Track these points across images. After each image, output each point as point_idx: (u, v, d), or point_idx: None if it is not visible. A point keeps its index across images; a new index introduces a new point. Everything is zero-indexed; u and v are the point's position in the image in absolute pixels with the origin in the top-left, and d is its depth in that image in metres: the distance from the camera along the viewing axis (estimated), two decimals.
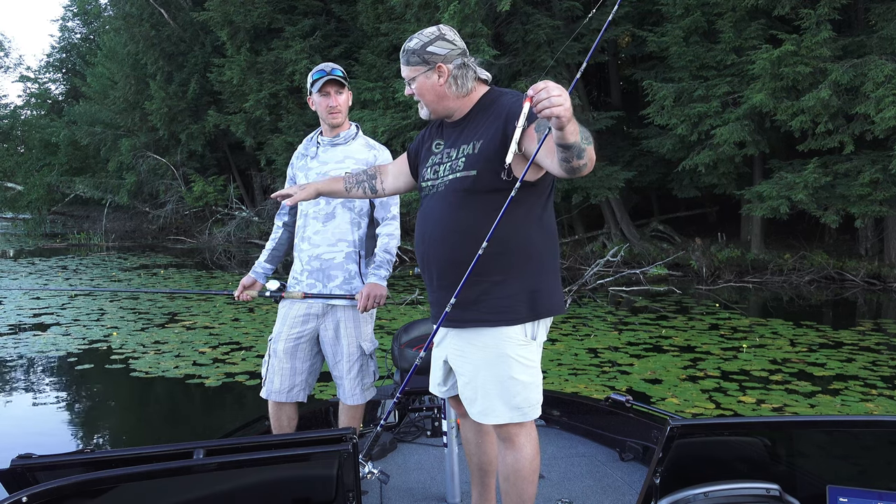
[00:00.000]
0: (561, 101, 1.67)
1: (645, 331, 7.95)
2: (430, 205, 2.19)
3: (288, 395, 2.88)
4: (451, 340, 2.19)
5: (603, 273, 11.93)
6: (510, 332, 2.08)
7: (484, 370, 2.10)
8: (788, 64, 10.19)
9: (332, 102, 2.86)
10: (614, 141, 14.62)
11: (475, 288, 2.07)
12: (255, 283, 3.01)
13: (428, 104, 2.19)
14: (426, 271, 2.23)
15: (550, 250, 2.16)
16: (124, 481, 1.47)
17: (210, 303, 10.00)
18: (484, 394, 2.10)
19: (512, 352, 2.08)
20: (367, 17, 15.56)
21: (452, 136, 2.22)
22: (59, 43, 38.94)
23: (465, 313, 2.09)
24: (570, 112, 1.70)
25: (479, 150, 2.09)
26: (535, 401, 2.13)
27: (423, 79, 2.16)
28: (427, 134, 2.36)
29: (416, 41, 2.16)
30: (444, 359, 2.25)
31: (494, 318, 2.07)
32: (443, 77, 2.14)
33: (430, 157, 2.27)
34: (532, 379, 2.12)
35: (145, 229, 24.27)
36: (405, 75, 2.20)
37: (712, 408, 5.12)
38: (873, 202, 10.23)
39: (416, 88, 2.18)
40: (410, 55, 2.16)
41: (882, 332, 7.82)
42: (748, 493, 1.72)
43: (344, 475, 1.58)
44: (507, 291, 2.07)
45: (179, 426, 5.20)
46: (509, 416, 2.09)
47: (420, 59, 2.15)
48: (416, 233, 2.26)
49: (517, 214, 2.05)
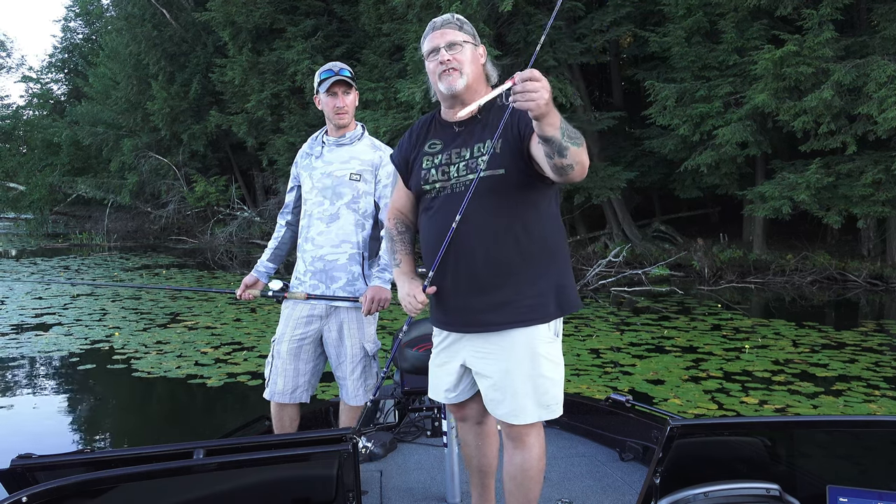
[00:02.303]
0: (534, 97, 1.63)
1: (647, 331, 7.94)
2: (447, 207, 2.08)
3: (291, 396, 2.87)
4: (471, 343, 2.13)
5: (605, 273, 11.93)
6: (539, 331, 2.07)
7: (515, 371, 2.06)
8: (791, 64, 10.17)
9: (339, 103, 2.85)
10: (616, 141, 14.61)
11: (508, 289, 2.04)
12: (257, 282, 3.00)
13: (468, 75, 2.10)
14: (449, 276, 2.09)
15: (566, 246, 2.19)
16: (124, 481, 1.47)
17: (212, 303, 10.01)
18: (513, 394, 2.07)
19: (542, 350, 2.07)
20: (368, 18, 15.55)
21: (460, 135, 2.15)
22: (62, 43, 38.97)
23: (496, 316, 2.05)
24: (543, 107, 1.65)
25: (502, 148, 2.04)
26: (560, 398, 2.14)
27: (472, 49, 2.13)
28: (412, 139, 2.27)
29: (461, 16, 2.16)
30: (461, 363, 2.17)
31: (526, 317, 2.05)
32: (483, 57, 2.17)
33: (427, 158, 2.18)
34: (559, 376, 2.13)
35: (147, 229, 24.29)
36: (450, 39, 2.09)
37: (714, 408, 5.11)
38: (876, 203, 10.21)
39: (463, 55, 2.10)
40: (464, 24, 2.14)
41: (885, 332, 7.81)
42: (748, 493, 1.72)
43: (344, 475, 1.58)
44: (538, 290, 2.06)
45: (181, 427, 5.20)
46: (538, 414, 2.09)
47: (472, 31, 2.15)
48: (429, 237, 2.15)
49: (541, 212, 2.06)
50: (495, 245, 2.04)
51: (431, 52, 2.12)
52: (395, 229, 2.33)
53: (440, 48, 2.09)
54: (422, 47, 2.18)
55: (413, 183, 2.22)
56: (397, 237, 2.32)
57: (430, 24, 2.16)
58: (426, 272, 2.19)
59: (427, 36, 2.15)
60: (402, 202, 2.33)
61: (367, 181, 2.88)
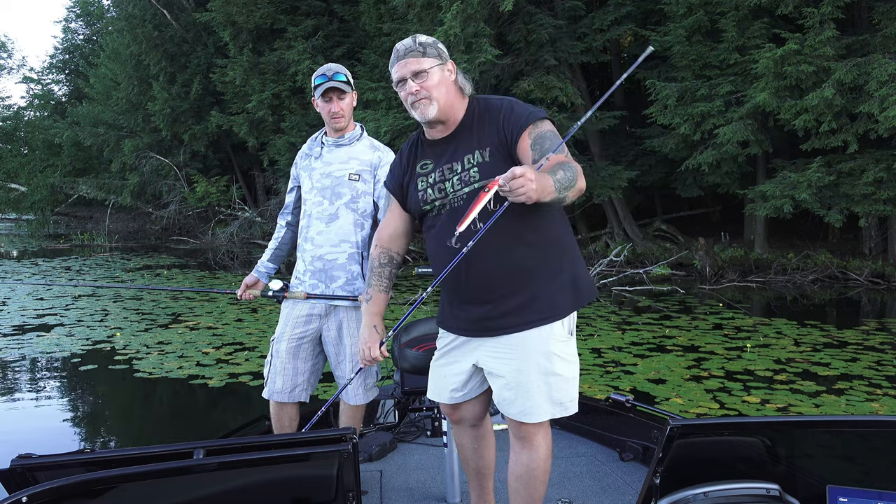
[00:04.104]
0: (523, 192, 1.75)
1: (648, 331, 7.93)
2: (451, 223, 2.04)
3: (290, 395, 2.88)
4: (485, 344, 2.13)
5: (606, 273, 11.93)
6: (554, 330, 2.08)
7: (529, 369, 2.07)
8: (792, 63, 10.17)
9: (334, 108, 2.86)
10: (617, 140, 14.60)
11: (524, 293, 2.05)
12: (257, 282, 3.02)
13: (438, 99, 2.08)
14: (461, 287, 2.10)
15: (574, 239, 2.22)
16: (124, 481, 1.47)
17: (213, 303, 10.02)
18: (525, 393, 2.07)
19: (556, 349, 2.08)
20: (369, 18, 15.56)
21: (446, 150, 2.14)
22: (62, 44, 38.95)
23: (512, 319, 2.06)
24: (534, 197, 1.77)
25: (490, 157, 2.05)
26: (574, 395, 2.14)
27: (438, 71, 2.09)
28: (403, 163, 2.26)
29: (423, 37, 2.11)
30: (473, 363, 2.17)
31: (542, 316, 2.06)
32: (452, 73, 2.13)
33: (421, 178, 2.18)
34: (573, 374, 2.14)
35: (148, 230, 24.32)
36: (414, 69, 2.07)
37: (716, 408, 5.11)
38: (877, 201, 10.20)
39: (430, 81, 2.08)
40: (427, 46, 2.09)
41: (886, 331, 7.80)
42: (748, 493, 1.72)
43: (344, 475, 1.58)
44: (553, 288, 2.08)
45: (183, 427, 5.21)
46: (552, 411, 2.09)
47: (436, 51, 2.10)
48: (436, 253, 2.14)
49: (546, 211, 2.06)
50: (506, 253, 2.04)
51: (399, 82, 2.11)
52: (378, 260, 2.31)
53: (406, 79, 2.08)
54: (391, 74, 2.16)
55: (412, 206, 2.22)
56: (377, 269, 2.30)
57: (394, 51, 2.13)
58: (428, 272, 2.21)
59: (393, 66, 2.13)
60: (391, 228, 2.32)
61: (365, 181, 2.89)
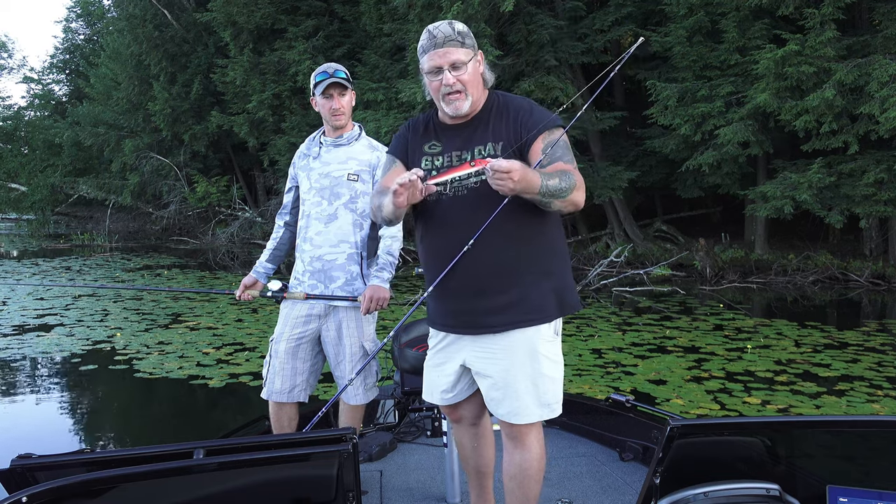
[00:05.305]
0: (501, 185, 1.84)
1: (649, 331, 7.93)
2: (455, 210, 2.05)
3: (289, 395, 2.88)
4: (472, 343, 2.12)
5: (606, 273, 11.92)
6: (540, 330, 2.08)
7: (516, 370, 2.06)
8: (792, 64, 10.16)
9: (335, 105, 2.86)
10: (617, 141, 14.59)
11: (512, 292, 2.05)
12: (256, 282, 3.02)
13: (473, 94, 2.02)
14: (451, 280, 2.06)
15: (566, 247, 2.21)
16: (124, 481, 1.47)
17: (213, 303, 10.02)
18: (513, 394, 2.06)
19: (542, 349, 2.08)
20: (369, 18, 15.55)
21: (458, 137, 2.11)
22: (63, 44, 38.93)
23: (499, 317, 2.05)
24: (517, 187, 1.85)
25: (502, 151, 2.04)
26: (560, 397, 2.14)
27: (473, 64, 2.01)
28: (408, 134, 2.20)
29: (460, 25, 2.00)
30: (461, 363, 2.16)
31: (528, 318, 2.05)
32: (481, 65, 2.06)
33: (427, 158, 2.14)
34: (559, 375, 2.14)
35: (149, 230, 24.32)
36: (454, 59, 1.97)
37: (717, 409, 5.10)
38: (878, 202, 10.19)
39: (467, 75, 1.99)
40: (465, 36, 1.99)
41: (887, 332, 7.79)
42: (748, 493, 1.71)
43: (344, 475, 1.58)
44: (541, 290, 2.07)
45: (183, 427, 5.21)
46: (539, 413, 2.09)
47: (472, 42, 2.01)
48: (436, 238, 2.12)
49: (543, 215, 2.05)
50: (500, 249, 2.03)
51: (433, 71, 2.01)
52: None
53: (444, 69, 1.99)
54: (420, 57, 2.06)
55: None
56: None
57: (428, 36, 2.00)
58: (422, 273, 2.20)
59: (427, 51, 2.01)
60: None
61: (364, 181, 2.89)
